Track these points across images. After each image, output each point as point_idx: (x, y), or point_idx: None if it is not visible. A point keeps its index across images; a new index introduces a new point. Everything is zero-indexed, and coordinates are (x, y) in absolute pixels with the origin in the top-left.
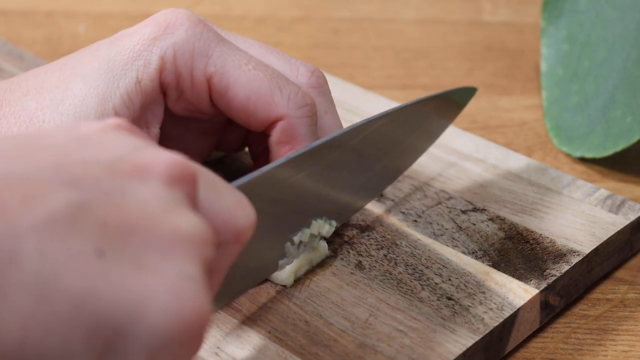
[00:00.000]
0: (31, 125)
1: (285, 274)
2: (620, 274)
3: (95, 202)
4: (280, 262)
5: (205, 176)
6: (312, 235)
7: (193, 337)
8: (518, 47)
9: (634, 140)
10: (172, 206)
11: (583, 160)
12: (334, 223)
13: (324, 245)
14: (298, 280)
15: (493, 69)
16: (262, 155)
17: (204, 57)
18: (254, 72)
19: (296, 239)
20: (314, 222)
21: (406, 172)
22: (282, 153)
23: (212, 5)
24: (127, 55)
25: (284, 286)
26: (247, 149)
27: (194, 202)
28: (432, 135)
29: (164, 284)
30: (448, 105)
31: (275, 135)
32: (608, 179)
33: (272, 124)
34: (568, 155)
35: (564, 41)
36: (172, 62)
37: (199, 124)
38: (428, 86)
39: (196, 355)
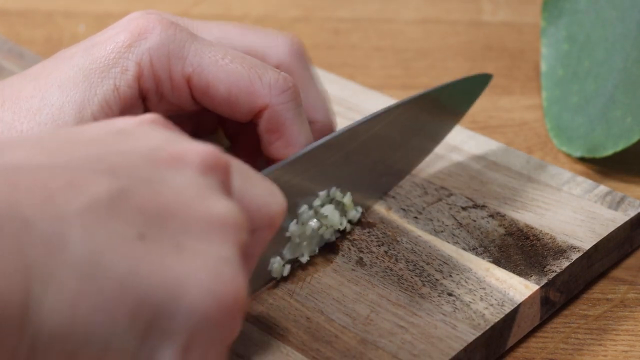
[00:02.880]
0: (9, 136)
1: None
2: (621, 274)
3: (134, 189)
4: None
5: (238, 166)
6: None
7: (231, 317)
8: (518, 47)
9: (634, 140)
10: (207, 192)
11: (583, 160)
12: (359, 209)
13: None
14: (299, 277)
15: (493, 69)
16: (239, 135)
17: (180, 59)
18: (232, 65)
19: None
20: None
21: None
22: (272, 140)
23: (212, 5)
24: (102, 63)
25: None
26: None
27: (228, 189)
28: (446, 126)
29: (203, 265)
30: (460, 95)
31: (263, 124)
32: (608, 178)
33: (258, 114)
34: (568, 155)
35: (564, 41)
36: (149, 68)
37: (177, 116)
38: (428, 86)
39: (233, 338)
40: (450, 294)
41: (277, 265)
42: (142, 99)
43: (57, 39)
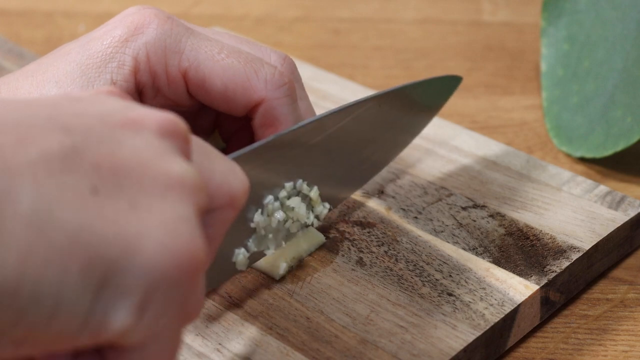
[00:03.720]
0: None
1: (274, 263)
2: (621, 274)
3: (88, 146)
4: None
5: (198, 142)
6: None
7: (188, 276)
8: (518, 47)
9: (634, 140)
10: (165, 154)
11: (583, 160)
12: (327, 205)
13: (317, 233)
14: (299, 277)
15: (493, 69)
16: (234, 136)
17: (176, 53)
18: (228, 60)
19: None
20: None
21: (406, 169)
22: (266, 135)
23: (212, 5)
24: (99, 58)
25: (274, 279)
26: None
27: (186, 154)
28: (417, 124)
29: (159, 221)
30: (432, 94)
31: (258, 118)
32: (608, 179)
33: (253, 108)
34: (568, 155)
35: (564, 41)
36: (146, 62)
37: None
38: None
39: (196, 302)
40: (450, 294)
41: (241, 257)
42: (138, 93)
43: (57, 39)
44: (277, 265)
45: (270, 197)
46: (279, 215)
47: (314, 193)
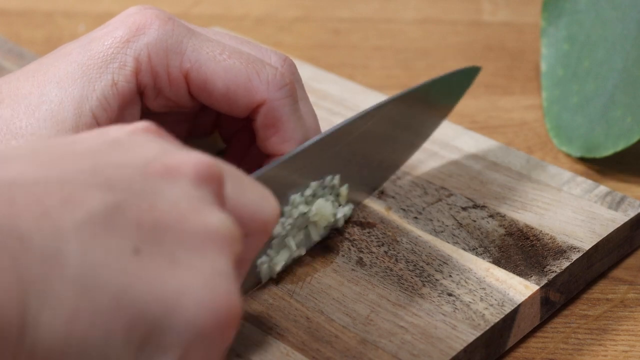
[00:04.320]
0: (8, 133)
1: (268, 264)
2: (621, 274)
3: (129, 203)
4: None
5: (231, 173)
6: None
7: (226, 330)
8: (518, 47)
9: (634, 140)
10: (201, 205)
11: (583, 160)
12: (351, 205)
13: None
14: (299, 277)
15: (493, 69)
16: (234, 137)
17: (178, 54)
18: (230, 61)
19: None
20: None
21: (406, 169)
22: (268, 136)
23: (211, 5)
24: (101, 59)
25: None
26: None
27: (221, 199)
28: (436, 119)
29: (198, 278)
30: (451, 87)
31: (260, 119)
32: (608, 179)
33: (255, 109)
34: (568, 155)
35: (564, 41)
36: (147, 63)
37: (174, 114)
38: None
39: (227, 347)
40: (450, 294)
41: (265, 267)
42: (139, 94)
43: (57, 39)
44: (275, 265)
45: (296, 195)
46: (303, 207)
47: (344, 189)
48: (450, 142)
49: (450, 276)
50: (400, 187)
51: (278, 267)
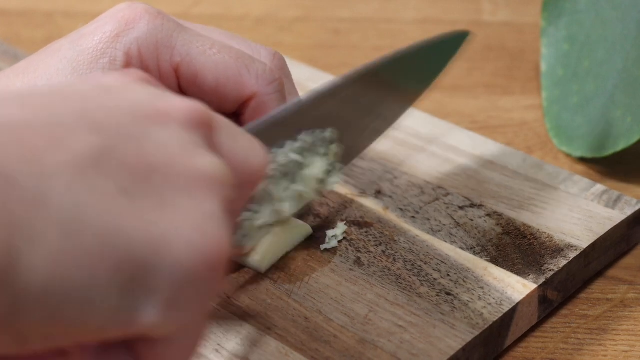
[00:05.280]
0: None
1: (257, 255)
2: (620, 274)
3: (117, 145)
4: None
5: (222, 122)
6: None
7: (215, 271)
8: (518, 47)
9: (634, 140)
10: (191, 148)
11: (583, 160)
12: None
13: (301, 223)
14: (297, 277)
15: (493, 69)
16: None
17: (168, 48)
18: (220, 55)
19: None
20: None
21: (403, 169)
22: None
23: (211, 5)
24: (90, 54)
25: (260, 273)
26: None
27: (212, 144)
28: (423, 84)
29: (187, 219)
30: (441, 52)
31: (248, 114)
32: (608, 179)
33: (244, 104)
34: (568, 155)
35: (564, 41)
36: (138, 57)
37: None
38: None
39: (216, 294)
40: (448, 294)
41: (247, 223)
42: None
43: (57, 39)
44: (263, 257)
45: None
46: (294, 156)
47: (334, 147)
48: (447, 141)
49: (449, 275)
50: (398, 186)
51: (260, 222)
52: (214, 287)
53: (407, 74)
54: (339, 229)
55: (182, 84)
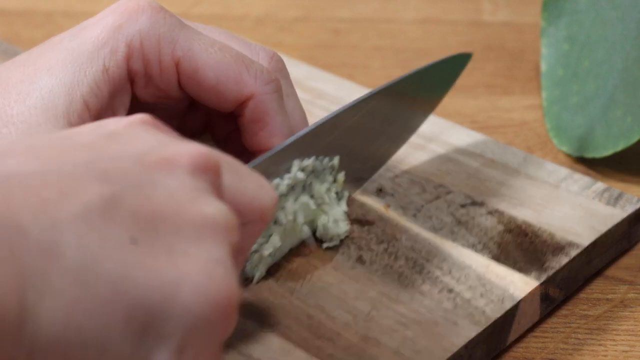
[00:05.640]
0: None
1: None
2: (621, 274)
3: (126, 194)
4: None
5: (228, 162)
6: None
7: (224, 317)
8: (518, 47)
9: (634, 140)
10: (198, 195)
11: (583, 160)
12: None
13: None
14: (300, 275)
15: (493, 69)
16: (227, 139)
17: (170, 42)
18: (220, 53)
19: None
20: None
21: (404, 168)
22: (256, 131)
23: (211, 5)
24: (92, 45)
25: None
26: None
27: (218, 189)
28: (426, 109)
29: (196, 267)
30: (442, 75)
31: (247, 114)
32: (608, 179)
33: (242, 104)
34: (568, 155)
35: (564, 41)
36: (139, 49)
37: (162, 110)
38: None
39: (227, 336)
40: (450, 291)
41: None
42: (130, 81)
43: None
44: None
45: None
46: (301, 174)
47: (341, 176)
48: (447, 139)
49: (450, 273)
50: (399, 184)
51: (267, 251)
52: (224, 331)
53: (409, 100)
54: (342, 228)
55: (182, 79)
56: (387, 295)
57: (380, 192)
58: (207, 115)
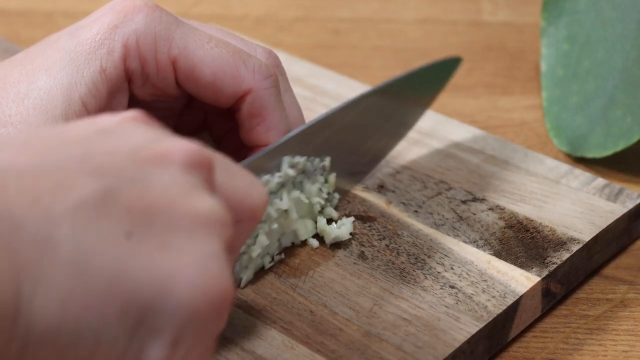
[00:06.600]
0: None
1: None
2: (621, 274)
3: (120, 189)
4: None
5: (220, 161)
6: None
7: (217, 312)
8: (518, 47)
9: (634, 140)
10: (191, 190)
11: (583, 160)
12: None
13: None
14: (302, 271)
15: (493, 69)
16: (225, 137)
17: (166, 41)
18: (217, 49)
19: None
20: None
21: (405, 164)
22: (253, 125)
23: (211, 5)
24: (89, 45)
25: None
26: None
27: (211, 185)
28: (419, 110)
29: (190, 261)
30: (433, 77)
31: (245, 109)
32: (608, 178)
33: (240, 99)
34: (568, 155)
35: (564, 41)
36: (136, 49)
37: (160, 108)
38: None
39: (220, 330)
40: (452, 287)
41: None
42: (127, 81)
43: None
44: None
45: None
46: (291, 171)
47: (332, 177)
48: (448, 136)
49: (452, 269)
50: (400, 181)
51: (256, 252)
52: (217, 326)
53: (402, 99)
54: (347, 225)
55: (179, 77)
56: (389, 291)
57: (381, 188)
58: (204, 114)
